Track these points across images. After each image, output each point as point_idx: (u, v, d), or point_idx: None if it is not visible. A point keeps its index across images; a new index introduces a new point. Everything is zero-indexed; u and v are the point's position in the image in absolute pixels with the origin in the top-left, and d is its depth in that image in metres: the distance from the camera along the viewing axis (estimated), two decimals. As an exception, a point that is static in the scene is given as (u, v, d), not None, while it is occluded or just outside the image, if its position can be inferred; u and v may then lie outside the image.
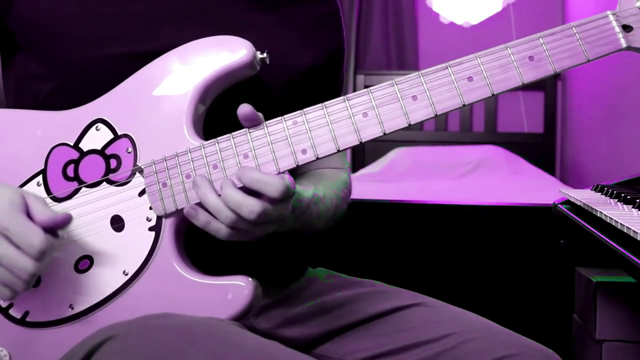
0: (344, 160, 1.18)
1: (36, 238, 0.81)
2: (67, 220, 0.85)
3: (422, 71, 0.87)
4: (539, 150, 3.95)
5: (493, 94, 0.86)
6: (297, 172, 1.11)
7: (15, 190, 0.86)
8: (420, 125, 4.13)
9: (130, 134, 0.92)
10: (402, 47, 4.21)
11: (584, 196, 1.23)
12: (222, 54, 0.91)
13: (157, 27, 0.96)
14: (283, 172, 0.86)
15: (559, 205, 1.30)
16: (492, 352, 0.93)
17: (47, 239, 0.82)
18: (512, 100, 4.07)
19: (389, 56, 4.25)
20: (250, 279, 0.86)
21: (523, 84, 0.86)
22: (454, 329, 0.97)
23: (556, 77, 4.00)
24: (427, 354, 0.96)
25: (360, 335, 1.02)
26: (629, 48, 0.86)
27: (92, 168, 0.92)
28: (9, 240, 0.82)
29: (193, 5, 0.99)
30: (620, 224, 0.92)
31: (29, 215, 0.84)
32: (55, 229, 0.84)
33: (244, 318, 0.87)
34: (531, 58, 0.86)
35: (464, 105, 0.86)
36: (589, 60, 0.87)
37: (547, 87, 3.98)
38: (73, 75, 0.97)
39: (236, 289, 0.86)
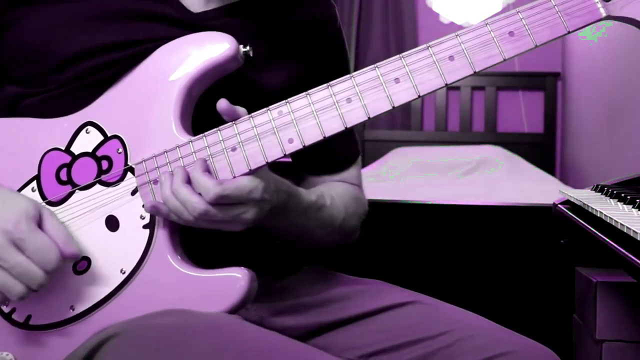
0: (355, 177, 1.20)
1: (53, 254, 0.85)
2: (77, 257, 0.89)
3: (403, 53, 0.87)
4: (539, 150, 3.95)
5: (475, 72, 0.86)
6: (314, 182, 1.13)
7: (30, 200, 0.89)
8: (420, 125, 4.13)
9: (120, 135, 0.93)
10: (402, 47, 4.21)
11: (584, 196, 1.23)
12: (204, 49, 0.92)
13: (146, 33, 0.96)
14: (248, 173, 0.87)
15: (559, 205, 1.30)
16: (489, 350, 0.93)
17: (61, 257, 0.86)
18: (512, 100, 4.07)
19: (389, 56, 4.20)
20: (246, 270, 0.87)
21: (504, 59, 0.86)
22: (451, 327, 0.97)
23: (556, 77, 4.00)
24: (424, 351, 0.96)
25: (357, 332, 1.02)
26: (608, 17, 0.85)
27: (84, 170, 0.93)
28: (21, 251, 0.84)
29: (176, 14, 0.99)
30: (620, 224, 0.91)
31: (40, 227, 0.87)
32: (62, 252, 0.87)
33: (241, 309, 0.87)
34: (511, 33, 0.86)
35: (446, 84, 0.86)
36: (569, 32, 0.86)
37: (547, 87, 3.98)
38: (63, 91, 0.97)
39: (232, 281, 0.86)
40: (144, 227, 0.90)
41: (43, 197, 0.94)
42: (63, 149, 0.94)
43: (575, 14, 0.85)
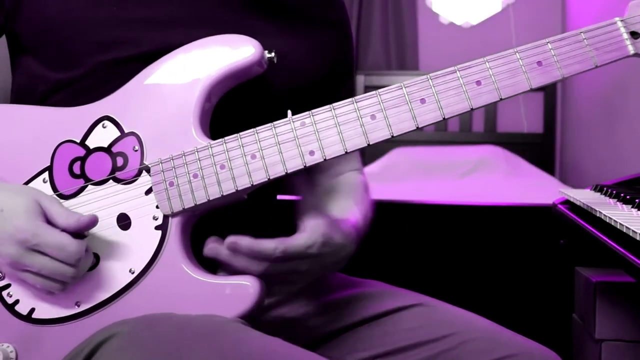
0: (359, 160, 1.20)
1: (71, 247, 0.84)
2: (93, 222, 0.87)
3: (431, 74, 0.87)
4: (539, 150, 3.95)
5: (501, 99, 0.86)
6: (324, 185, 1.14)
7: (27, 194, 0.87)
8: (420, 125, 4.12)
9: (137, 132, 0.92)
10: (402, 47, 4.21)
11: (584, 196, 1.24)
12: (229, 52, 0.91)
13: (165, 31, 0.96)
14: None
15: (559, 205, 1.30)
16: (492, 353, 0.93)
17: (80, 244, 0.85)
18: (512, 101, 4.07)
19: (389, 56, 4.25)
20: (256, 279, 0.87)
21: (531, 88, 0.86)
22: (454, 330, 0.98)
23: (556, 77, 4.00)
24: (427, 354, 0.96)
25: (360, 336, 1.02)
26: (636, 54, 0.87)
27: (98, 165, 0.92)
28: (42, 253, 0.84)
29: (199, 10, 0.99)
30: (620, 224, 0.92)
31: (46, 218, 0.86)
32: (81, 232, 0.86)
33: (249, 318, 0.87)
34: (539, 63, 0.86)
35: (472, 109, 0.86)
36: (596, 66, 0.87)
37: (547, 88, 3.98)
38: (80, 78, 0.97)
39: (242, 289, 0.86)
40: (156, 228, 0.89)
41: (54, 189, 0.93)
42: (78, 141, 0.93)
43: (604, 49, 0.87)
